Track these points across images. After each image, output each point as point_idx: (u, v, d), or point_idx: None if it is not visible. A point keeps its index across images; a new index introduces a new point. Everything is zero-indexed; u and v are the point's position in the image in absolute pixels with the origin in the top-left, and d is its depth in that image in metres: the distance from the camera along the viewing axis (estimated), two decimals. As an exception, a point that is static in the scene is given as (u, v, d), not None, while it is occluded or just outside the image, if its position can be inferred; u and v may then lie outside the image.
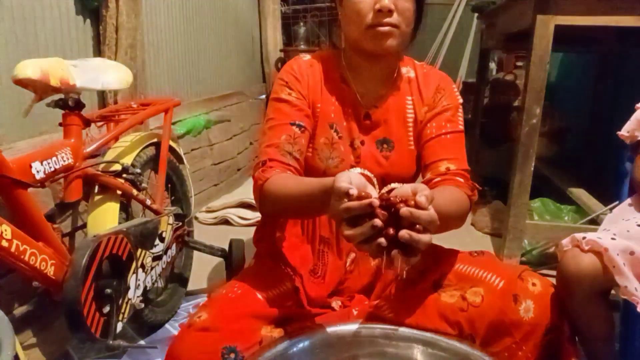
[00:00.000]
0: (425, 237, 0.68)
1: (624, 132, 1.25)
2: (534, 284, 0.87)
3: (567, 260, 0.95)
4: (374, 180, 0.77)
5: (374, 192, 0.73)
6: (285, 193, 0.89)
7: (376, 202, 0.67)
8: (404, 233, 0.66)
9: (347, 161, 1.02)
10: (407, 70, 1.07)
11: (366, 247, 0.68)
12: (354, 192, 0.68)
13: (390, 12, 0.91)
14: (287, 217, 1.05)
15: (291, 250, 1.03)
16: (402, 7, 0.93)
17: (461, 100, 1.06)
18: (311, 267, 1.03)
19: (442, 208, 0.78)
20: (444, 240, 1.06)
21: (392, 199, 0.69)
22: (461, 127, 1.03)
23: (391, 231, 0.67)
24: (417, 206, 0.67)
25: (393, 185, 0.75)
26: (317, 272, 1.03)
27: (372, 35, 0.94)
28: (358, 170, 0.78)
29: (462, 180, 0.97)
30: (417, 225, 0.68)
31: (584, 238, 0.96)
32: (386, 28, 0.92)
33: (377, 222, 0.66)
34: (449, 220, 0.88)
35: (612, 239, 0.94)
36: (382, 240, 0.67)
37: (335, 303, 1.00)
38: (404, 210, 0.67)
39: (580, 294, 0.91)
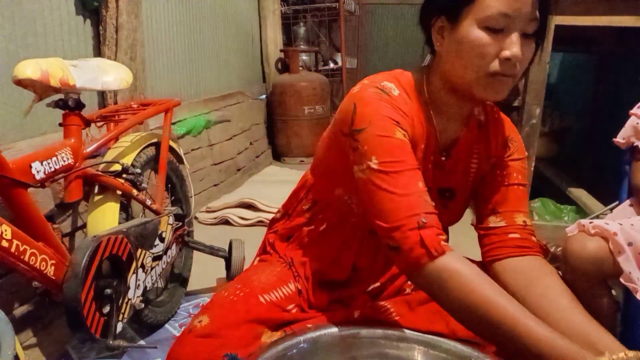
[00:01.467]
0: None
1: (619, 139, 1.25)
2: None
3: (572, 244, 0.94)
4: None
5: None
6: (473, 300, 0.72)
7: None
8: None
9: None
10: (479, 112, 0.96)
11: None
12: None
13: (516, 62, 0.80)
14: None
15: (299, 257, 1.02)
16: (526, 53, 0.81)
17: (527, 154, 0.99)
18: (334, 297, 0.99)
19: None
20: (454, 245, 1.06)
21: None
22: (528, 183, 0.99)
23: None
24: None
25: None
26: (342, 299, 0.99)
27: (490, 84, 0.81)
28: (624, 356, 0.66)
29: (535, 240, 0.93)
30: None
31: (590, 222, 0.96)
32: (509, 79, 0.81)
33: None
34: None
35: (620, 224, 0.94)
36: None
37: (338, 303, 0.99)
38: None
39: (585, 278, 0.90)
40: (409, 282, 0.99)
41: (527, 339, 0.70)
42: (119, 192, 1.37)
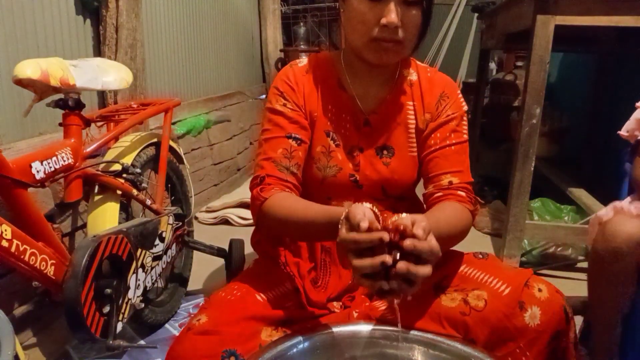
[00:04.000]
0: (424, 270, 0.68)
1: (623, 131, 1.25)
2: (540, 290, 0.86)
3: (613, 226, 0.92)
4: (380, 217, 0.76)
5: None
6: (286, 216, 0.88)
7: (386, 237, 0.68)
8: (402, 265, 0.67)
9: (345, 170, 1.00)
10: (409, 73, 1.03)
11: (368, 281, 0.69)
12: (365, 225, 0.68)
13: (396, 29, 0.87)
14: (285, 237, 1.03)
15: (291, 257, 1.02)
16: (408, 23, 0.88)
17: (466, 108, 1.02)
18: (313, 276, 1.01)
19: (443, 230, 0.82)
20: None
21: (395, 228, 0.70)
22: (466, 137, 1.00)
23: (390, 262, 0.68)
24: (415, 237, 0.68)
25: (395, 217, 0.74)
26: (318, 281, 1.01)
27: (374, 48, 0.90)
28: (368, 205, 0.76)
29: (464, 194, 0.95)
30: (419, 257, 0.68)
31: (630, 203, 0.94)
32: (390, 44, 0.88)
33: (388, 259, 0.67)
34: (451, 240, 0.90)
35: None
36: (384, 283, 0.68)
37: (336, 303, 0.99)
38: (408, 243, 0.67)
39: (628, 260, 0.88)
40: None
41: (311, 216, 0.85)
42: (119, 192, 1.38)
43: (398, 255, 0.68)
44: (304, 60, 1.03)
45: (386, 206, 1.03)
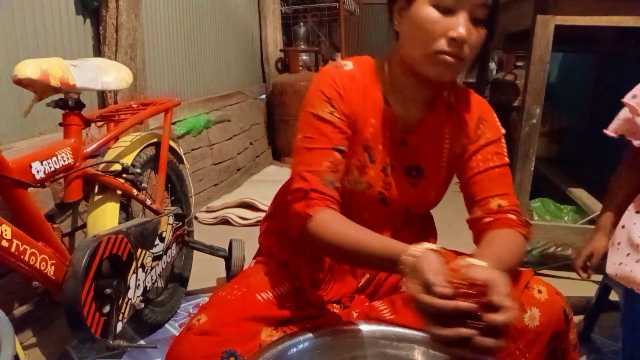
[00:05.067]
0: (505, 317, 0.63)
1: (610, 131, 1.23)
2: (539, 291, 0.86)
3: None
4: (444, 259, 0.72)
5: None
6: (336, 241, 0.83)
7: (473, 308, 0.63)
8: (489, 341, 0.63)
9: (375, 187, 0.97)
10: (448, 94, 0.99)
11: (456, 350, 0.64)
12: (445, 292, 0.63)
13: (462, 44, 0.82)
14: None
15: (294, 256, 1.02)
16: (474, 41, 0.84)
17: (504, 131, 0.99)
18: (317, 278, 1.00)
19: (505, 265, 0.77)
20: (443, 240, 1.06)
21: (474, 291, 0.65)
22: (507, 160, 0.97)
23: (475, 334, 0.63)
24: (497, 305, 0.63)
25: (469, 260, 0.70)
26: (321, 285, 1.00)
27: (436, 62, 0.84)
28: (431, 246, 0.73)
29: (514, 217, 0.92)
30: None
31: None
32: (453, 59, 0.83)
33: (473, 332, 0.62)
34: (508, 271, 0.85)
35: None
36: (467, 352, 0.63)
37: (336, 305, 0.99)
38: (500, 319, 0.63)
39: None
40: (404, 280, 1.00)
41: (365, 246, 0.81)
42: (119, 192, 1.37)
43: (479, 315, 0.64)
44: (348, 64, 0.95)
45: (401, 220, 1.02)
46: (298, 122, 0.93)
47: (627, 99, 1.18)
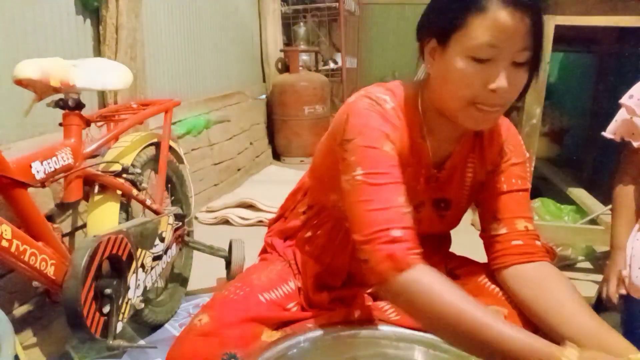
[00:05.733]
0: None
1: (608, 133, 1.23)
2: None
3: None
4: None
5: None
6: (443, 314, 0.72)
7: None
8: None
9: None
10: None
11: None
12: None
13: (504, 94, 0.77)
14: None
15: (300, 256, 1.02)
16: (515, 85, 0.78)
17: (528, 155, 0.97)
18: (325, 282, 0.99)
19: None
20: (459, 247, 1.06)
21: None
22: (529, 185, 0.95)
23: None
24: None
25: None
26: (342, 299, 0.99)
27: (473, 113, 0.80)
28: (575, 351, 0.67)
29: (540, 244, 0.91)
30: None
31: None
32: (493, 109, 0.79)
33: None
34: None
35: None
36: None
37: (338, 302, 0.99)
38: None
39: None
40: None
41: (496, 342, 0.70)
42: (119, 192, 1.37)
43: None
44: (387, 99, 0.87)
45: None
46: (344, 155, 0.84)
47: (624, 99, 1.18)
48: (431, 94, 0.87)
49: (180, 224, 1.67)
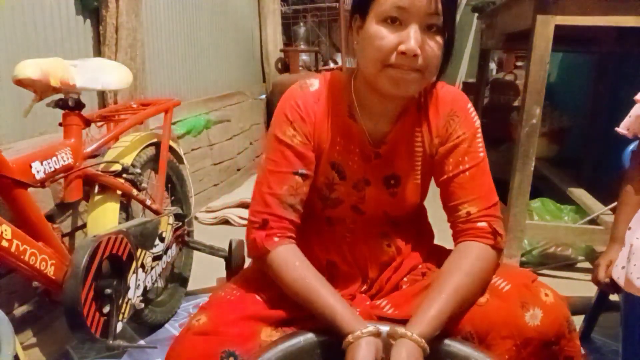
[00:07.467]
0: None
1: (622, 128, 1.23)
2: (546, 295, 0.86)
3: None
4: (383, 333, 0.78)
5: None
6: (290, 281, 0.87)
7: None
8: None
9: (347, 202, 0.97)
10: (419, 95, 0.95)
11: None
12: None
13: (415, 57, 0.80)
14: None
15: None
16: (429, 52, 0.81)
17: (478, 123, 0.95)
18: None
19: (458, 305, 0.84)
20: (443, 240, 1.06)
21: None
22: (482, 155, 0.94)
23: None
24: None
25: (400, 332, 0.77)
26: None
27: (390, 77, 0.83)
28: (370, 328, 0.78)
29: (484, 224, 0.90)
30: None
31: None
32: (407, 72, 0.82)
33: None
34: (473, 299, 0.87)
35: None
36: None
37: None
38: None
39: None
40: (405, 279, 1.00)
41: (322, 307, 0.84)
42: (119, 192, 1.38)
43: None
44: (315, 83, 0.94)
45: (386, 223, 1.01)
46: (265, 141, 0.98)
47: (639, 96, 1.18)
48: (360, 71, 0.91)
49: (180, 224, 1.67)
